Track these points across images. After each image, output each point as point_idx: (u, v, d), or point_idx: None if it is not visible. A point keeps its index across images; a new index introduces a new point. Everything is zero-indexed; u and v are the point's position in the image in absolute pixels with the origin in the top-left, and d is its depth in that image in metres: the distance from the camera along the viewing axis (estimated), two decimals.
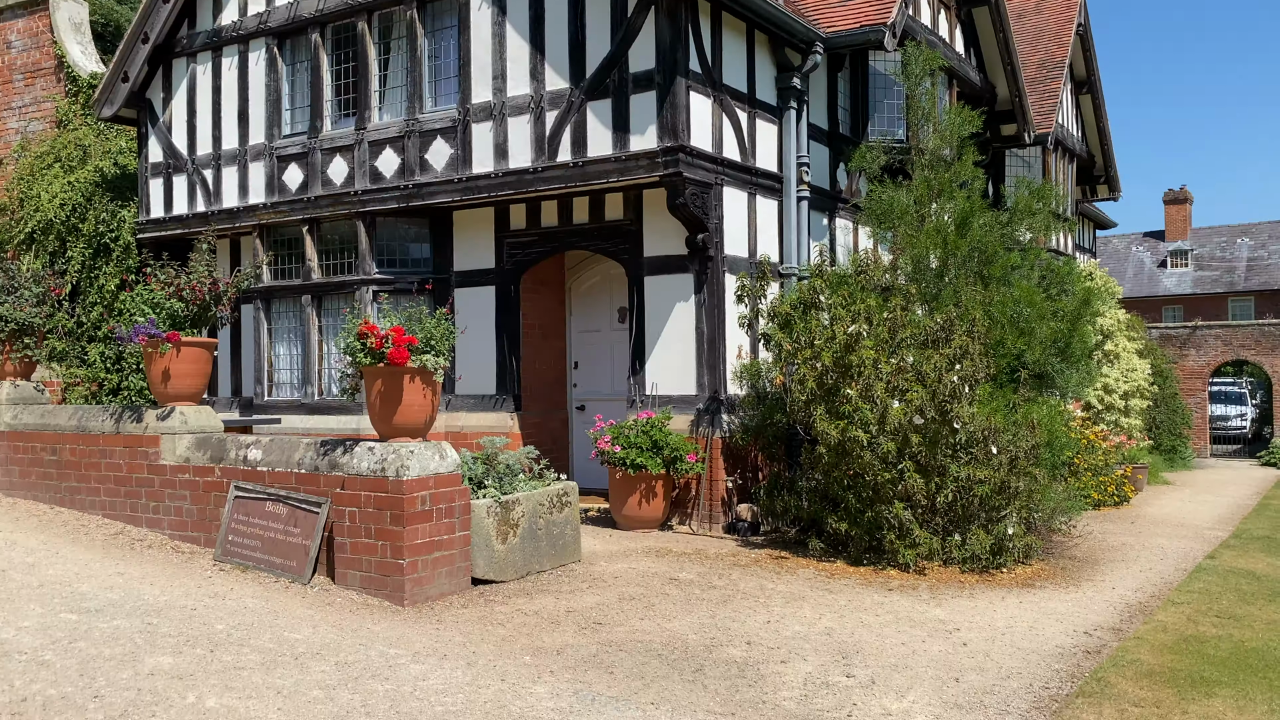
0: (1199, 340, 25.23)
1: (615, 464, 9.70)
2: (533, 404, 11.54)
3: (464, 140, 10.95)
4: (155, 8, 13.02)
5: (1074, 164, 19.97)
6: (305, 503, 7.15)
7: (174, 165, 13.35)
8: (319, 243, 12.15)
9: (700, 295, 10.19)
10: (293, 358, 12.48)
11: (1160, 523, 12.12)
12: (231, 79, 12.84)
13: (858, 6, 11.74)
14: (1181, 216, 48.90)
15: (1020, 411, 9.09)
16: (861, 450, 8.32)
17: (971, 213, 10.29)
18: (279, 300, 12.53)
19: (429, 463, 6.84)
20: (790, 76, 11.17)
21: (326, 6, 11.90)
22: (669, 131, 9.69)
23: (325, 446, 7.21)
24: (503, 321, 11.41)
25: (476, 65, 10.90)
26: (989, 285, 10.18)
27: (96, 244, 13.90)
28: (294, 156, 12.27)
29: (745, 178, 10.73)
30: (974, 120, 11.11)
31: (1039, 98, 17.77)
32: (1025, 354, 9.89)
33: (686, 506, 10.21)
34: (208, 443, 7.96)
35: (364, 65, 11.74)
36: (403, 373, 6.77)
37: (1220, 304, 45.47)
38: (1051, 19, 19.50)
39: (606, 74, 10.07)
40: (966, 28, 14.77)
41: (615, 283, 11.91)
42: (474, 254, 11.61)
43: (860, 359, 8.54)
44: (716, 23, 10.34)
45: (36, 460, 8.97)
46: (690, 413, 10.19)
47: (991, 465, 8.49)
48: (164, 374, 8.06)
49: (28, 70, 15.52)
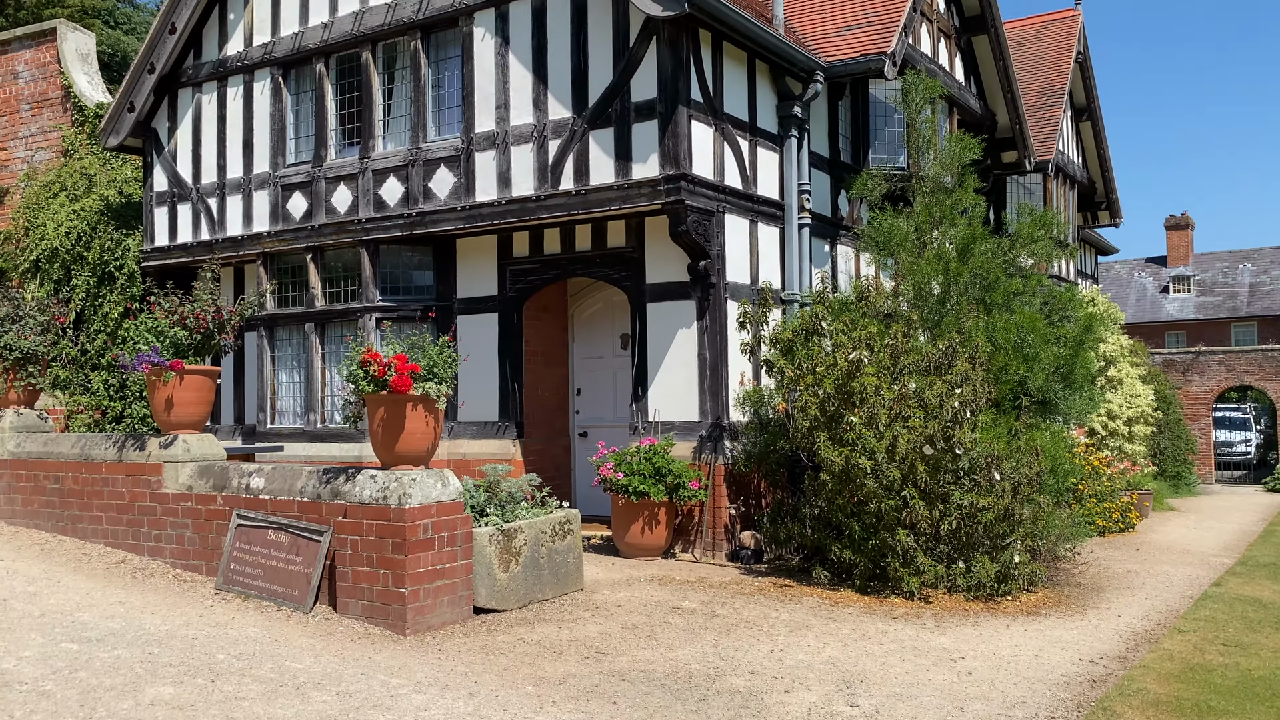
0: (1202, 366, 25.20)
1: (618, 491, 9.69)
2: (535, 431, 11.54)
3: (467, 169, 11.01)
4: (162, 39, 13.15)
5: (1075, 190, 20.05)
6: (307, 531, 7.13)
7: (179, 194, 13.43)
8: (322, 270, 12.19)
9: (702, 322, 10.21)
10: (295, 385, 12.50)
11: (1166, 549, 12.06)
12: (236, 108, 12.94)
13: (857, 36, 11.84)
14: (1183, 242, 49.01)
15: (1023, 438, 9.07)
16: (865, 477, 8.31)
17: (973, 239, 10.32)
18: (282, 328, 12.56)
19: (431, 491, 6.83)
20: (791, 105, 11.24)
21: (331, 37, 12.01)
22: (671, 160, 9.75)
23: (327, 474, 7.21)
24: (505, 348, 11.42)
25: (480, 95, 10.98)
26: (991, 311, 10.19)
27: (101, 272, 13.97)
28: (298, 185, 12.35)
29: (747, 205, 10.78)
30: (974, 148, 11.17)
31: (1039, 125, 17.86)
32: (1028, 380, 9.89)
33: (689, 534, 10.18)
34: (210, 471, 7.96)
35: (368, 95, 11.84)
36: (405, 400, 6.78)
37: (1223, 329, 45.46)
38: (1051, 47, 19.63)
39: (609, 103, 10.14)
40: (966, 56, 14.87)
41: (618, 309, 11.94)
42: (477, 281, 11.64)
43: (862, 386, 8.54)
44: (718, 52, 10.42)
45: (39, 488, 8.97)
46: (693, 439, 10.18)
47: (995, 492, 8.46)
48: (167, 402, 8.07)
49: (35, 100, 15.65)
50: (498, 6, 10.85)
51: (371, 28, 11.69)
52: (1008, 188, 17.16)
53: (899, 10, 11.85)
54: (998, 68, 14.91)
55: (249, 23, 12.83)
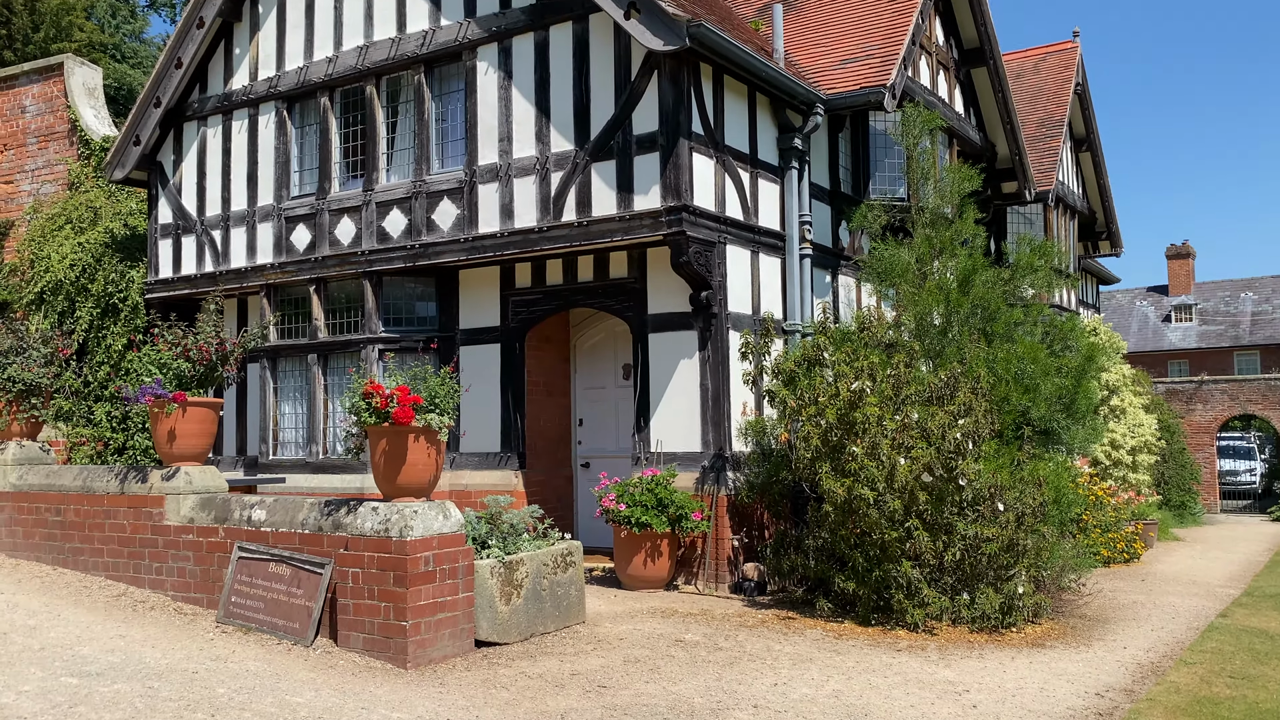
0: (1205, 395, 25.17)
1: (620, 522, 9.66)
2: (537, 461, 11.52)
3: (470, 201, 11.08)
4: (168, 73, 13.28)
5: (1075, 220, 20.12)
6: (308, 563, 7.11)
7: (183, 226, 13.51)
8: (325, 302, 12.24)
9: (704, 352, 10.22)
10: (298, 416, 12.50)
11: (1171, 580, 11.99)
12: (241, 142, 13.05)
13: (857, 69, 11.94)
14: (1184, 271, 49.09)
15: (1026, 468, 9.05)
16: (868, 508, 8.28)
17: (974, 270, 10.35)
18: (285, 359, 12.59)
19: (432, 523, 6.82)
20: (791, 137, 11.32)
21: (335, 71, 12.13)
22: (672, 191, 9.81)
23: (329, 506, 7.20)
24: (507, 379, 11.44)
25: (483, 128, 11.07)
26: (992, 342, 10.20)
27: (105, 304, 14.02)
28: (302, 217, 12.42)
29: (748, 236, 10.83)
30: (974, 178, 11.22)
31: (1039, 156, 17.96)
32: (1030, 410, 9.88)
33: (692, 565, 10.14)
34: (212, 503, 7.95)
35: (372, 128, 11.93)
36: (407, 432, 6.78)
37: (1226, 358, 45.41)
38: (1050, 79, 19.78)
39: (610, 136, 10.22)
40: (965, 88, 14.98)
41: (620, 340, 11.96)
42: (479, 312, 11.68)
43: (865, 416, 8.53)
44: (718, 85, 10.51)
45: (41, 521, 8.96)
46: (695, 470, 10.16)
47: (999, 523, 8.43)
48: (169, 434, 8.08)
49: (41, 134, 15.79)
50: (501, 41, 10.96)
51: (376, 62, 11.80)
52: (1008, 218, 17.23)
53: (898, 44, 11.95)
54: (997, 99, 15.02)
55: (254, 57, 12.96)
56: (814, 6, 13.78)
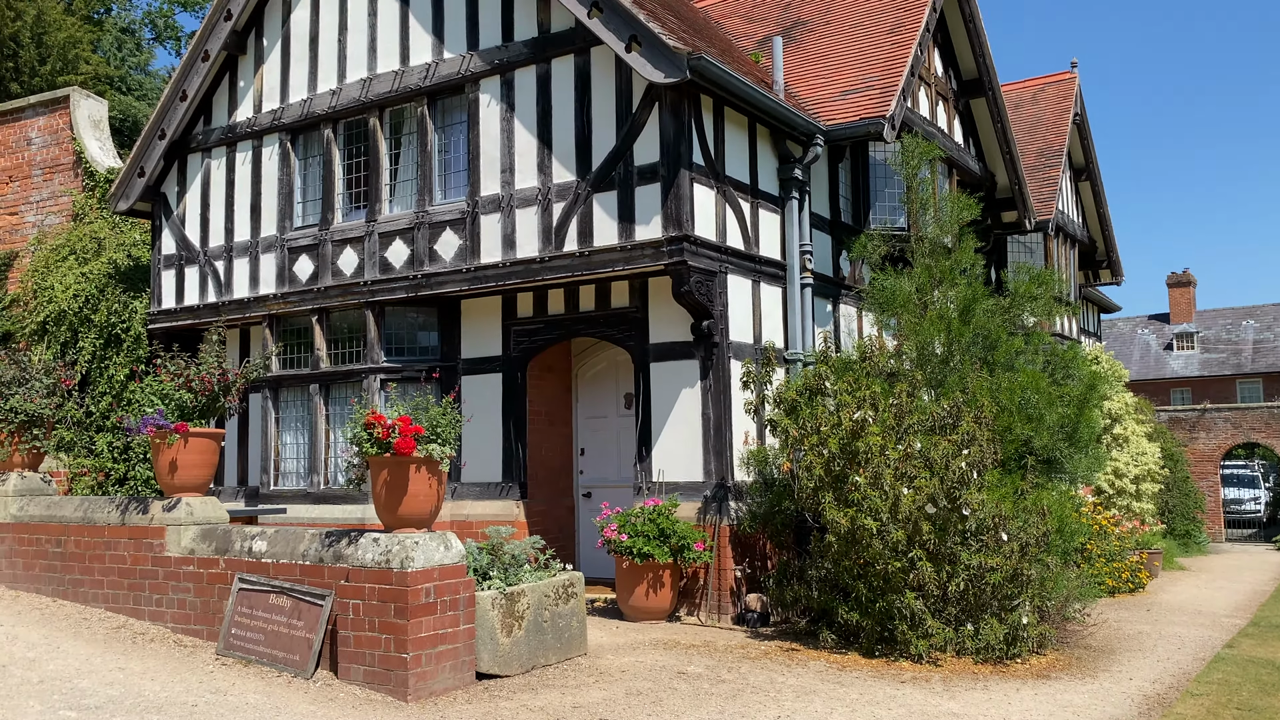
0: (1208, 423, 25.13)
1: (622, 553, 9.62)
2: (538, 491, 11.49)
3: (472, 231, 11.13)
4: (173, 106, 13.39)
5: (1076, 249, 20.17)
6: (309, 595, 7.08)
7: (186, 257, 13.56)
8: (328, 332, 12.26)
9: (706, 381, 10.23)
10: (299, 447, 12.49)
11: (1177, 610, 11.92)
12: (245, 173, 13.13)
13: (856, 100, 12.02)
14: (1185, 299, 49.16)
15: (1030, 498, 9.02)
16: (871, 539, 8.25)
17: (974, 299, 10.37)
18: (287, 389, 12.60)
19: (433, 554, 6.79)
20: (792, 167, 11.38)
21: (339, 103, 12.23)
22: (673, 222, 9.85)
23: (330, 538, 7.18)
24: (509, 408, 11.43)
25: (485, 159, 11.14)
26: (994, 371, 10.20)
27: (108, 334, 14.06)
28: (305, 248, 12.47)
29: (749, 265, 10.86)
30: (972, 208, 11.27)
31: (1038, 185, 18.04)
32: (1033, 440, 9.86)
33: (694, 596, 10.08)
34: (213, 534, 7.93)
35: (375, 159, 12.01)
36: (408, 462, 6.77)
37: (1228, 386, 45.37)
38: (1048, 109, 19.90)
39: (612, 167, 10.28)
40: (965, 118, 15.08)
41: (621, 369, 11.96)
42: (481, 342, 11.70)
43: (867, 446, 8.52)
44: (719, 117, 10.59)
45: (41, 552, 8.93)
46: (697, 500, 10.13)
47: (1002, 553, 8.39)
48: (171, 465, 8.07)
49: (46, 166, 15.89)
50: (503, 74, 11.06)
51: (379, 94, 11.90)
52: (1008, 247, 17.28)
53: (897, 75, 12.05)
54: (996, 130, 15.11)
55: (258, 90, 13.07)
56: (813, 39, 13.90)
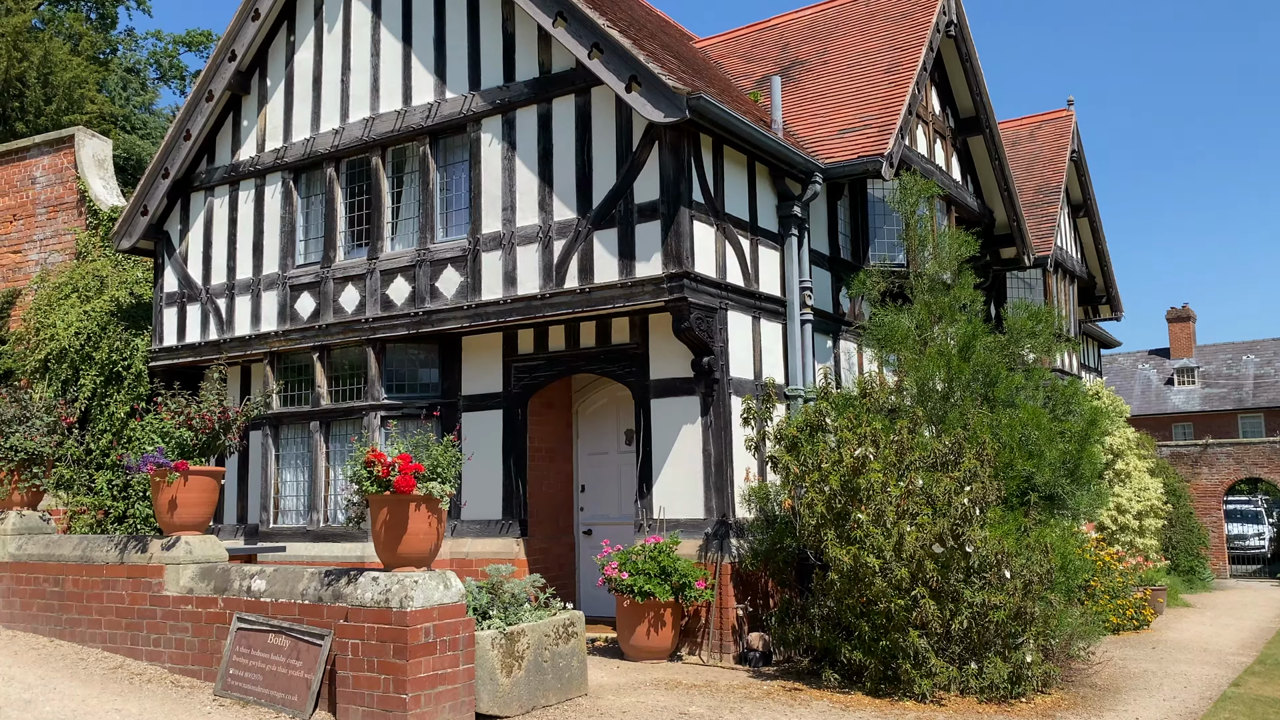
0: (1211, 458, 25.05)
1: (623, 591, 9.56)
2: (539, 529, 11.44)
3: (474, 268, 11.18)
4: (176, 145, 13.50)
5: (1075, 285, 20.24)
6: (308, 634, 7.03)
7: (188, 294, 13.61)
8: (329, 369, 12.28)
9: (707, 417, 10.22)
10: (299, 484, 12.46)
11: (1182, 648, 11.82)
12: (248, 211, 13.21)
13: (854, 138, 12.12)
14: (1185, 334, 49.21)
15: (1032, 534, 8.98)
16: (874, 576, 8.20)
17: (974, 336, 10.39)
18: (287, 426, 12.59)
19: (433, 593, 6.75)
20: (791, 205, 11.45)
21: (342, 143, 12.33)
22: (673, 258, 9.90)
23: (329, 576, 7.14)
24: (509, 445, 11.41)
25: (487, 197, 11.21)
26: (995, 407, 10.20)
27: (109, 372, 14.06)
28: (307, 285, 12.51)
29: (749, 302, 10.89)
30: (971, 244, 11.32)
31: (1037, 221, 18.13)
32: (1035, 476, 9.84)
33: (696, 635, 10.01)
34: (211, 573, 7.89)
35: (377, 198, 12.09)
36: (408, 501, 6.75)
37: (1230, 421, 45.30)
38: (1046, 146, 20.05)
39: (612, 205, 10.34)
40: (963, 156, 15.19)
41: (622, 405, 11.96)
42: (482, 378, 11.70)
43: (869, 482, 8.49)
44: (718, 155, 10.67)
45: (39, 591, 8.88)
46: (699, 537, 10.09)
47: (1006, 590, 8.34)
48: (171, 503, 8.05)
49: (50, 204, 15.99)
50: (505, 113, 11.16)
51: (382, 134, 12.00)
52: (1008, 283, 17.34)
53: (894, 114, 12.15)
54: (994, 167, 15.22)
55: (262, 129, 13.19)
56: (811, 78, 14.04)
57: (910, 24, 13.71)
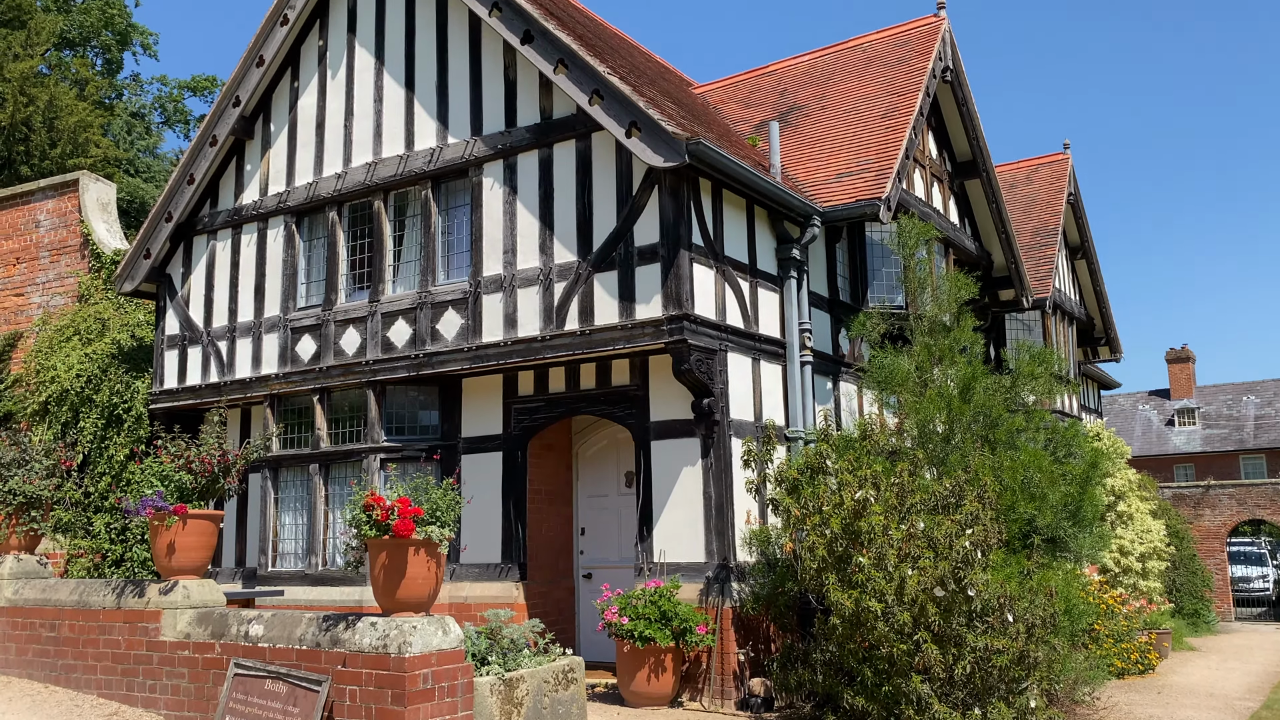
0: (1213, 500, 24.95)
1: (623, 636, 9.48)
2: (538, 573, 11.37)
3: (474, 311, 11.22)
4: (180, 189, 13.61)
5: (1074, 326, 20.29)
6: (305, 680, 6.96)
7: (189, 337, 13.64)
8: (329, 411, 12.27)
9: (707, 459, 10.20)
10: (298, 527, 12.41)
11: (1188, 692, 11.70)
12: (250, 254, 13.28)
13: (852, 182, 12.22)
14: (1185, 375, 49.24)
15: (1035, 578, 8.93)
16: (876, 620, 8.14)
17: (974, 377, 10.40)
18: (287, 469, 12.56)
19: (432, 639, 6.70)
20: (790, 247, 11.52)
21: (344, 187, 12.43)
22: (673, 301, 9.94)
23: (327, 621, 7.09)
24: (509, 487, 11.38)
25: (488, 240, 11.28)
26: (996, 449, 10.18)
27: (109, 414, 14.06)
28: (308, 328, 12.55)
29: (749, 343, 10.92)
30: (970, 287, 11.37)
31: (1035, 263, 18.23)
32: (1037, 518, 9.80)
33: (697, 681, 9.91)
34: (209, 618, 7.83)
35: (379, 241, 12.16)
36: (407, 545, 6.72)
37: (1231, 462, 45.19)
38: (1043, 189, 20.21)
39: (613, 247, 10.41)
40: (960, 199, 15.30)
41: (622, 447, 11.94)
42: (482, 420, 11.70)
43: (870, 525, 8.46)
44: (717, 199, 10.76)
45: (35, 637, 8.81)
46: (699, 581, 10.03)
47: (1009, 634, 8.27)
48: (169, 547, 8.01)
49: (54, 248, 16.08)
50: (506, 158, 11.26)
51: (384, 178, 12.11)
52: (1007, 324, 17.39)
53: (892, 158, 12.26)
54: (991, 210, 15.33)
55: (265, 173, 13.30)
56: (809, 123, 14.18)
57: (907, 70, 13.88)
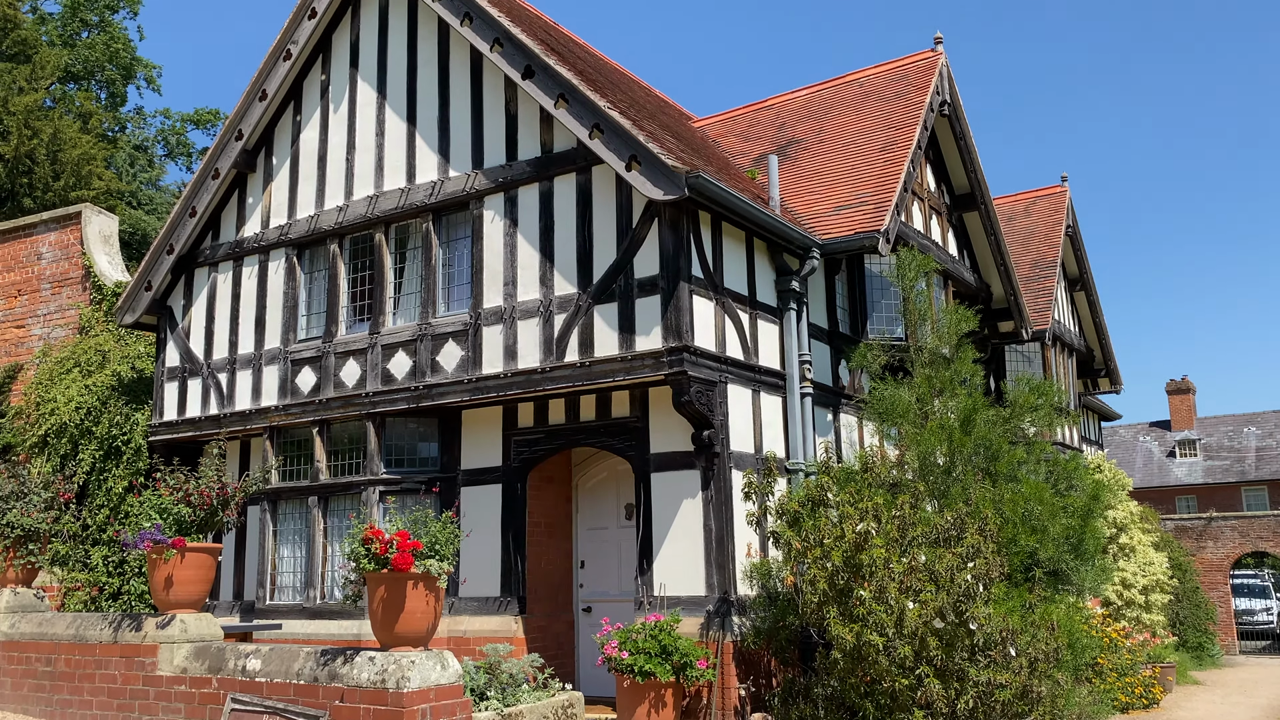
0: (1215, 532, 24.85)
1: (623, 671, 9.40)
2: (537, 606, 11.30)
3: (474, 342, 11.23)
4: (182, 221, 13.67)
5: (1074, 358, 20.30)
6: (303, 716, 6.90)
7: (189, 369, 13.65)
8: (328, 443, 12.25)
9: (707, 492, 10.17)
10: (296, 560, 12.34)
11: None
12: (251, 287, 13.31)
13: (851, 215, 12.28)
14: (1186, 406, 49.19)
15: (1038, 611, 8.88)
16: (877, 655, 8.08)
17: (975, 409, 10.40)
18: (286, 501, 12.51)
19: (430, 673, 6.65)
20: (789, 279, 11.56)
21: (346, 219, 12.48)
22: (673, 333, 9.95)
23: (325, 656, 7.04)
24: (508, 520, 11.33)
25: (488, 272, 11.32)
26: (997, 481, 10.16)
27: (108, 446, 14.03)
28: (308, 360, 12.56)
29: (749, 375, 10.92)
30: (970, 319, 11.40)
31: (1034, 296, 18.27)
32: (1038, 551, 9.76)
33: (698, 716, 9.82)
34: (206, 652, 7.78)
35: (380, 273, 12.20)
36: (406, 579, 6.68)
37: (1233, 493, 45.06)
38: (1041, 221, 20.31)
39: (613, 279, 10.44)
40: (959, 231, 15.37)
41: (622, 479, 11.91)
42: (481, 452, 11.67)
43: (871, 558, 8.42)
44: (717, 231, 10.80)
45: (31, 671, 8.74)
46: (700, 614, 9.96)
47: (1011, 669, 8.21)
48: (167, 580, 7.97)
49: (55, 280, 16.13)
50: (507, 191, 11.33)
51: (385, 211, 12.17)
52: (1006, 356, 17.40)
53: (890, 190, 12.33)
54: (989, 242, 15.39)
55: (266, 206, 13.37)
56: (808, 156, 14.28)
57: (904, 104, 13.99)
